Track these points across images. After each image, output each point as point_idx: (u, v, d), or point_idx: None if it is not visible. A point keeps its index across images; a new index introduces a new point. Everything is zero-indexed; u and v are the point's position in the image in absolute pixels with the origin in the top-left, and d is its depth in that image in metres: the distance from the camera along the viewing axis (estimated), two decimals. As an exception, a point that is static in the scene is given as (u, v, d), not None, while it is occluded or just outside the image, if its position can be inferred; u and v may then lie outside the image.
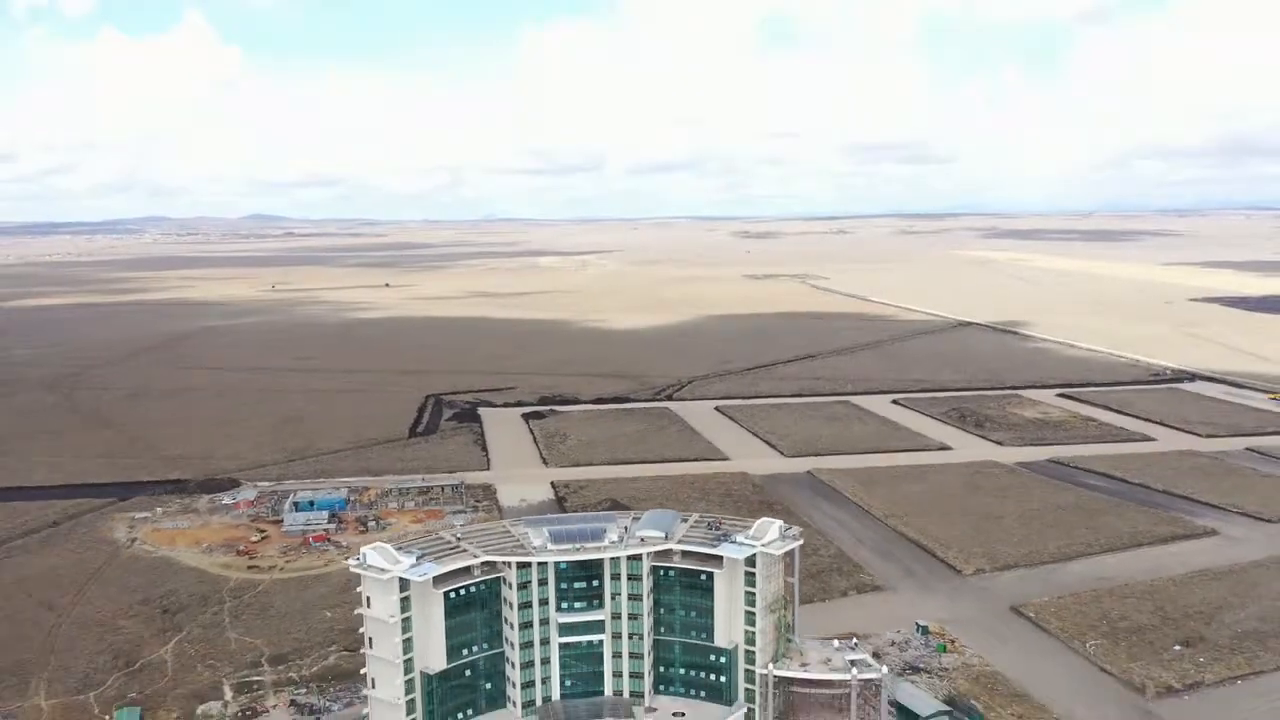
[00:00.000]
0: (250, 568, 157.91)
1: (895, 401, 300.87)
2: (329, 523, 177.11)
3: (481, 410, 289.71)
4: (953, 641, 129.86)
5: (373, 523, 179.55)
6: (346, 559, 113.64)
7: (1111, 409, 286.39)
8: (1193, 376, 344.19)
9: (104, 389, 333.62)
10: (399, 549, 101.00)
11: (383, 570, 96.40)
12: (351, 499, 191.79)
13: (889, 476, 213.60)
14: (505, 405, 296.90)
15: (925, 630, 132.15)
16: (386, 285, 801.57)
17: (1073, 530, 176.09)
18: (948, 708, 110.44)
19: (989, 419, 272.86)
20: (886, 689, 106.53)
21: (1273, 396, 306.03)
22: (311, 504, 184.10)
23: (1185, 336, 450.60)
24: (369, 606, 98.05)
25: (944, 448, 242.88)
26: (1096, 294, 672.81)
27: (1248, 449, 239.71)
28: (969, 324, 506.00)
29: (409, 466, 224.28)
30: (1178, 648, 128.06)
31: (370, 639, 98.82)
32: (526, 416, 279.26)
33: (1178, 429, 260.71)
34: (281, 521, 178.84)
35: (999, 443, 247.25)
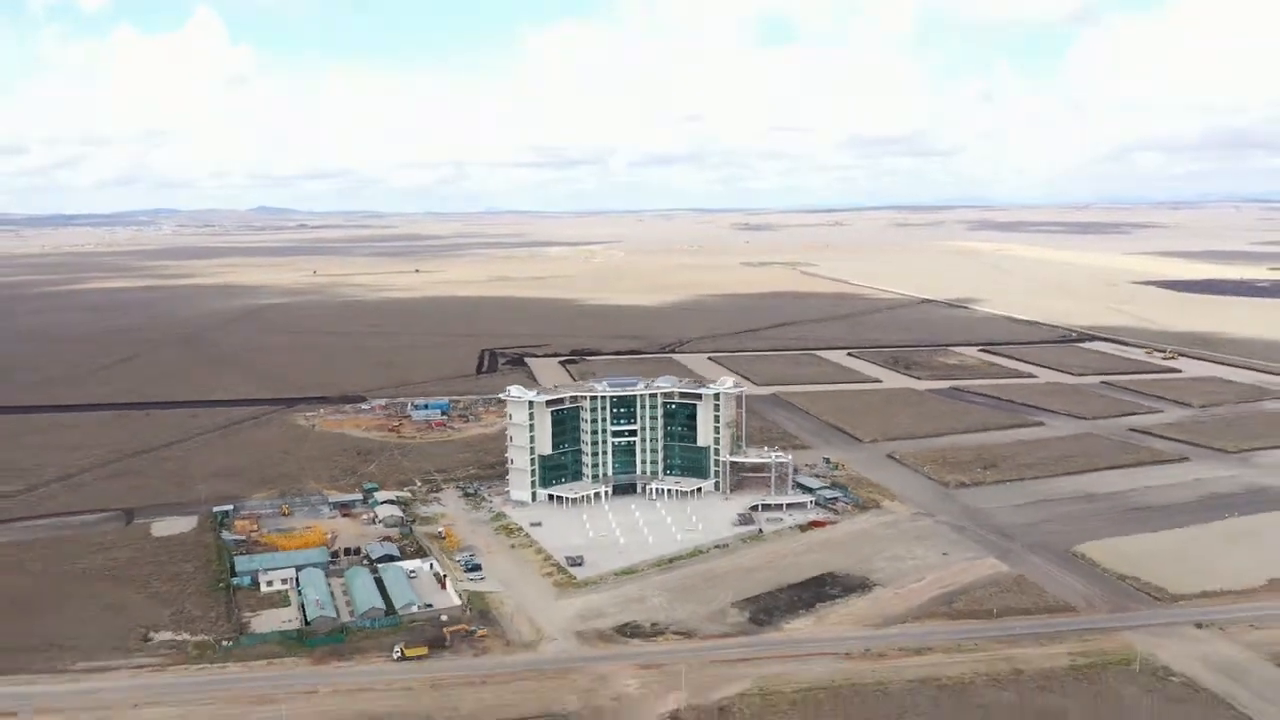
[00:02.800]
0: (400, 437, 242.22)
1: (850, 354, 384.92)
2: (441, 416, 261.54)
3: (527, 359, 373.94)
4: (842, 465, 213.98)
5: (471, 417, 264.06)
6: (459, 434, 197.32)
7: (1014, 358, 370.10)
8: (1094, 337, 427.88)
9: (220, 345, 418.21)
10: (527, 389, 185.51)
11: (520, 397, 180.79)
12: (452, 404, 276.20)
13: (829, 396, 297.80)
14: (545, 355, 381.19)
15: (828, 460, 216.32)
16: (417, 271, 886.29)
17: (944, 421, 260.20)
18: (830, 486, 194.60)
19: (916, 364, 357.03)
20: (792, 473, 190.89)
21: (1147, 350, 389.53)
22: (427, 405, 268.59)
23: (1109, 310, 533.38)
24: (511, 418, 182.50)
25: (876, 381, 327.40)
26: (1054, 278, 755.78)
27: (1102, 381, 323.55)
28: (930, 301, 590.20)
29: (483, 390, 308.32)
30: (980, 469, 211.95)
31: (511, 436, 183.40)
32: (563, 362, 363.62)
33: (1056, 369, 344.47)
34: (409, 418, 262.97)
35: (918, 378, 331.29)
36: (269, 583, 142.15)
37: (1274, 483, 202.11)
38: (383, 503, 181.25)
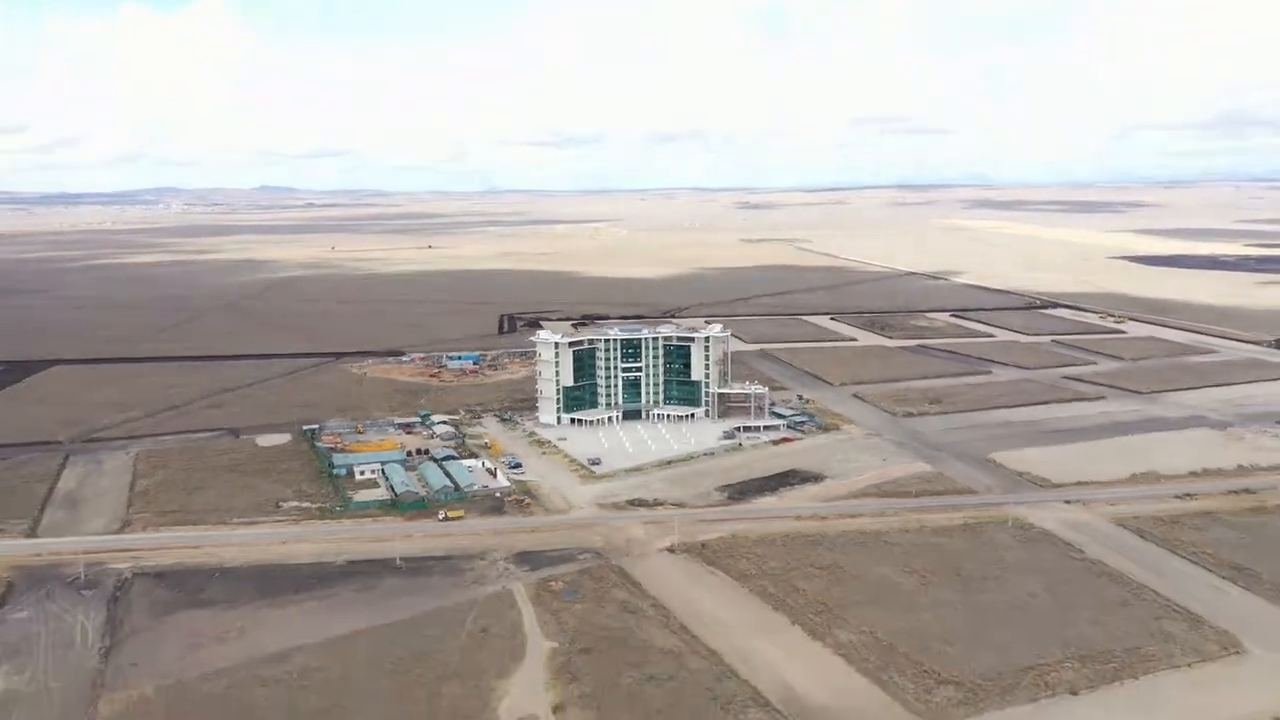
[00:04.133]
0: (440, 382, 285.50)
1: (832, 318, 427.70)
2: (473, 365, 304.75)
3: (542, 322, 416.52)
4: (812, 401, 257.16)
5: (499, 366, 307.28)
6: (490, 379, 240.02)
7: (979, 322, 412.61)
8: (1056, 305, 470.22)
9: (261, 311, 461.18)
10: (552, 334, 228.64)
11: (548, 339, 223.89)
12: (481, 356, 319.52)
13: (809, 351, 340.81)
14: (558, 319, 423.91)
15: (801, 397, 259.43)
16: (429, 246, 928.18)
17: (905, 370, 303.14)
18: (800, 414, 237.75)
19: (890, 326, 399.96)
20: (768, 404, 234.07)
21: (1100, 315, 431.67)
22: (460, 357, 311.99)
23: (1078, 282, 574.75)
24: (540, 356, 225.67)
25: (852, 339, 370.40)
26: (1036, 253, 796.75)
27: (1053, 340, 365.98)
28: (913, 273, 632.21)
29: (506, 346, 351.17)
30: (926, 404, 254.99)
31: (540, 371, 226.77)
32: (574, 325, 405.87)
33: (1014, 330, 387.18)
34: (445, 367, 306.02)
35: (890, 337, 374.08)
36: (361, 472, 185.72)
37: (1167, 414, 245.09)
38: (438, 423, 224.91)
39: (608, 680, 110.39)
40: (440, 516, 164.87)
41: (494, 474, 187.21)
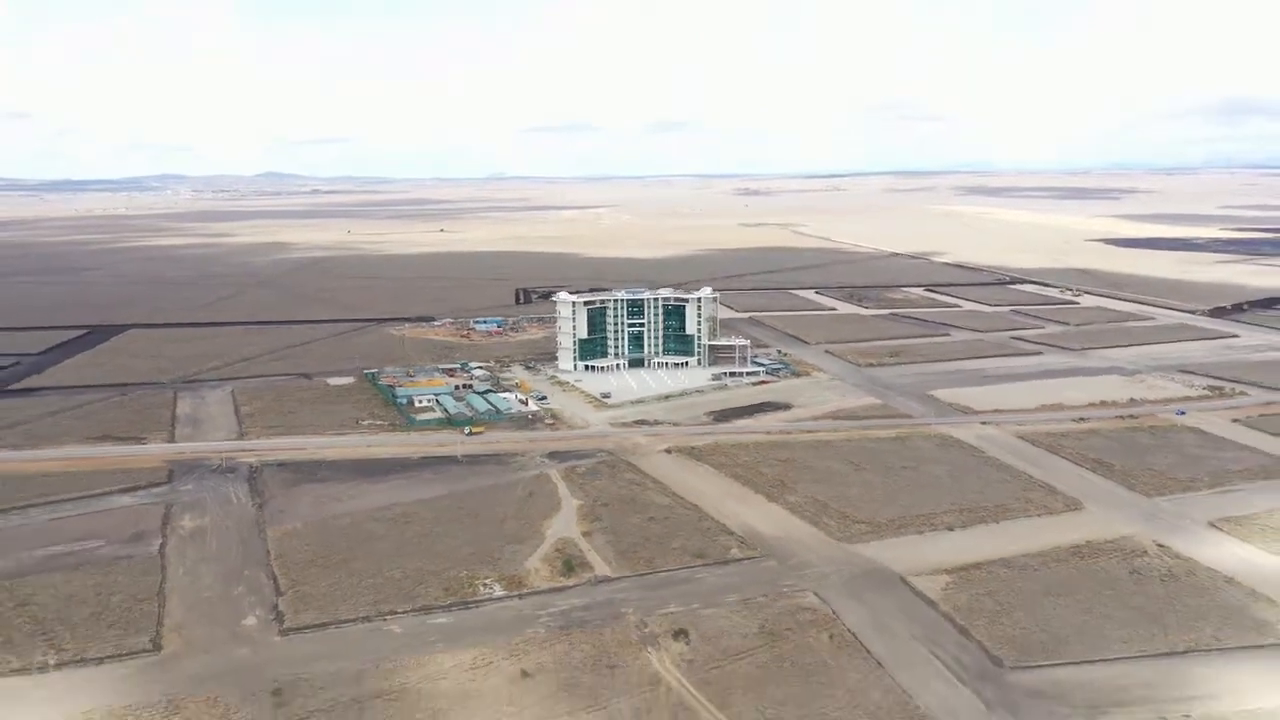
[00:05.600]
0: (470, 341, 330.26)
1: (817, 291, 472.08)
2: (498, 327, 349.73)
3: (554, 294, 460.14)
4: (790, 355, 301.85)
5: (519, 329, 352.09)
6: (513, 339, 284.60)
7: (950, 295, 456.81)
8: (1022, 280, 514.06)
9: (296, 286, 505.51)
10: (569, 295, 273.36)
11: (567, 299, 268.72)
12: (504, 321, 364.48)
13: (793, 317, 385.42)
14: (570, 292, 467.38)
15: (780, 352, 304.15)
16: (442, 230, 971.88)
17: (874, 333, 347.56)
18: (778, 363, 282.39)
19: (867, 297, 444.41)
20: (751, 354, 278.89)
21: (1060, 289, 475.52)
22: (486, 321, 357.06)
23: (1050, 260, 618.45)
24: (560, 314, 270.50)
25: (832, 309, 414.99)
26: (1017, 236, 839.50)
27: (1011, 310, 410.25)
28: (897, 254, 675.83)
29: (524, 314, 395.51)
30: (887, 357, 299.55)
31: (560, 326, 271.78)
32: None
33: (979, 302, 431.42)
34: (473, 329, 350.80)
35: (866, 307, 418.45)
36: (419, 402, 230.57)
37: (1090, 365, 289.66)
38: (475, 368, 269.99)
39: (620, 520, 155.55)
40: (466, 432, 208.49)
41: (525, 403, 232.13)
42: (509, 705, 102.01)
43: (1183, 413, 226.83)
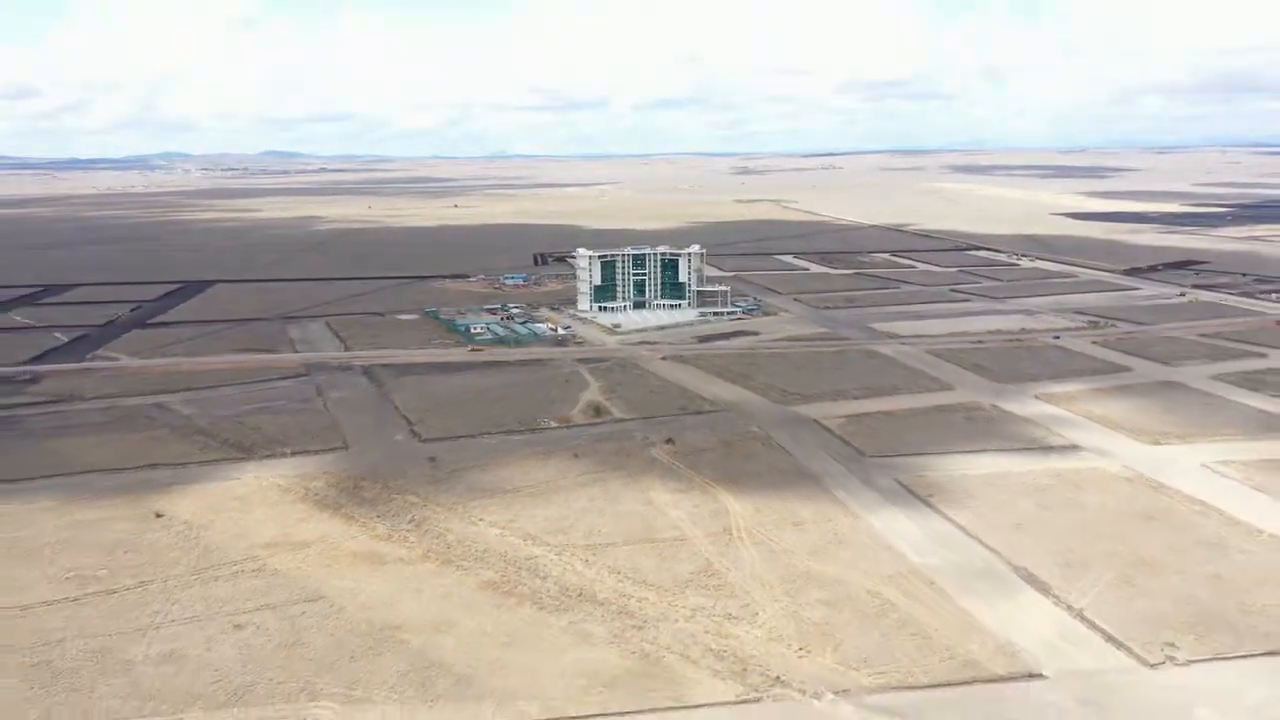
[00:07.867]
0: (502, 292, 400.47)
1: (795, 256, 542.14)
2: (524, 281, 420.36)
3: (572, 254, 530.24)
4: (764, 301, 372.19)
5: (541, 284, 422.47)
6: (538, 290, 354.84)
7: (910, 259, 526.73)
8: (977, 247, 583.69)
9: (339, 250, 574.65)
10: (585, 251, 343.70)
11: (584, 253, 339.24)
12: (530, 276, 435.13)
13: (770, 275, 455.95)
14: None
15: (756, 299, 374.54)
16: (455, 205, 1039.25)
17: (837, 286, 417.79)
18: (752, 305, 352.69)
19: (839, 260, 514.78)
20: (730, 298, 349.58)
21: (1008, 254, 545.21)
22: (514, 276, 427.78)
23: (1012, 229, 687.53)
24: (579, 264, 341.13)
25: (805, 269, 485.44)
26: (990, 210, 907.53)
27: (959, 271, 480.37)
28: (876, 225, 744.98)
29: (545, 271, 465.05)
30: (843, 302, 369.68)
31: (578, 273, 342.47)
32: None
33: (933, 265, 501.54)
34: (503, 283, 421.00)
35: (834, 268, 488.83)
36: (475, 329, 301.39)
37: (1004, 309, 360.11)
38: (513, 308, 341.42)
39: (629, 392, 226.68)
40: (469, 349, 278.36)
41: (555, 330, 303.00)
42: (570, 468, 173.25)
43: (1058, 337, 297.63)
